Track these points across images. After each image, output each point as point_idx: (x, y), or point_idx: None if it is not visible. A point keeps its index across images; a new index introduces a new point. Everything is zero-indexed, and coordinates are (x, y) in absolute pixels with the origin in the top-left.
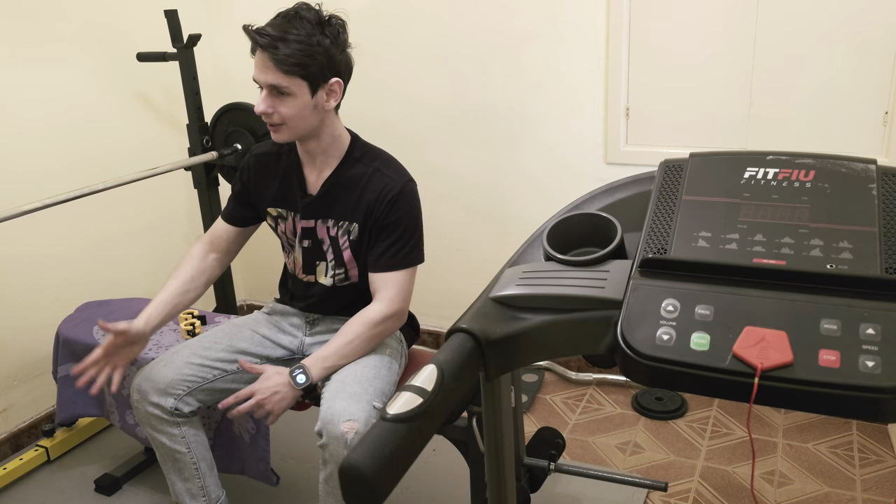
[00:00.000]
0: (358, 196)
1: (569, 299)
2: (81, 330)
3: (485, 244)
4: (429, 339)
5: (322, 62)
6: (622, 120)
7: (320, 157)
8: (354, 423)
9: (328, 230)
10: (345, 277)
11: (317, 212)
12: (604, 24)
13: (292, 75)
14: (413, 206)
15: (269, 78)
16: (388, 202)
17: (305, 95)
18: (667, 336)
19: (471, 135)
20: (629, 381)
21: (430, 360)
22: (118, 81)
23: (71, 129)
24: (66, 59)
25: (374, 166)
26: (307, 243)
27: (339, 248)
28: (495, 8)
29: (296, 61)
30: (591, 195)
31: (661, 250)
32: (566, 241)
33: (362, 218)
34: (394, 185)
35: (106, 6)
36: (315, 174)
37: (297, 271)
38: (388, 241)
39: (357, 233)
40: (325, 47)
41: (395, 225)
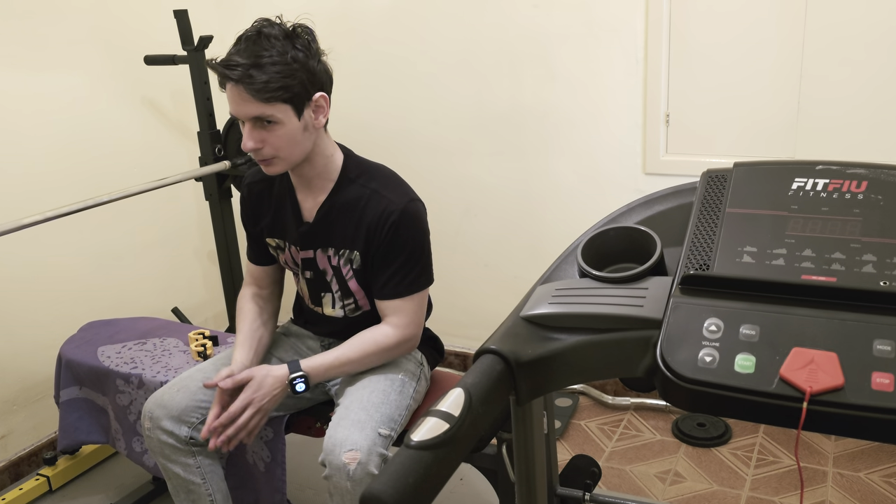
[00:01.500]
0: (356, 221)
1: (605, 318)
2: (85, 351)
3: (515, 259)
4: (455, 361)
5: (302, 79)
6: (662, 127)
7: (315, 181)
8: (357, 452)
9: (329, 260)
10: (356, 308)
11: (315, 240)
12: (642, 24)
13: (274, 102)
14: (417, 228)
15: (251, 110)
16: (390, 227)
17: (293, 120)
18: (709, 358)
19: (500, 143)
20: (669, 405)
21: (456, 383)
22: (124, 86)
23: (74, 137)
24: (67, 62)
25: (371, 187)
26: (309, 274)
27: (343, 278)
28: (526, 7)
29: (277, 85)
30: (629, 207)
31: (703, 266)
32: (602, 257)
33: (363, 245)
34: (393, 207)
35: (112, 6)
36: (310, 200)
37: (307, 300)
38: (393, 267)
39: (360, 261)
40: (302, 62)
41: (399, 250)
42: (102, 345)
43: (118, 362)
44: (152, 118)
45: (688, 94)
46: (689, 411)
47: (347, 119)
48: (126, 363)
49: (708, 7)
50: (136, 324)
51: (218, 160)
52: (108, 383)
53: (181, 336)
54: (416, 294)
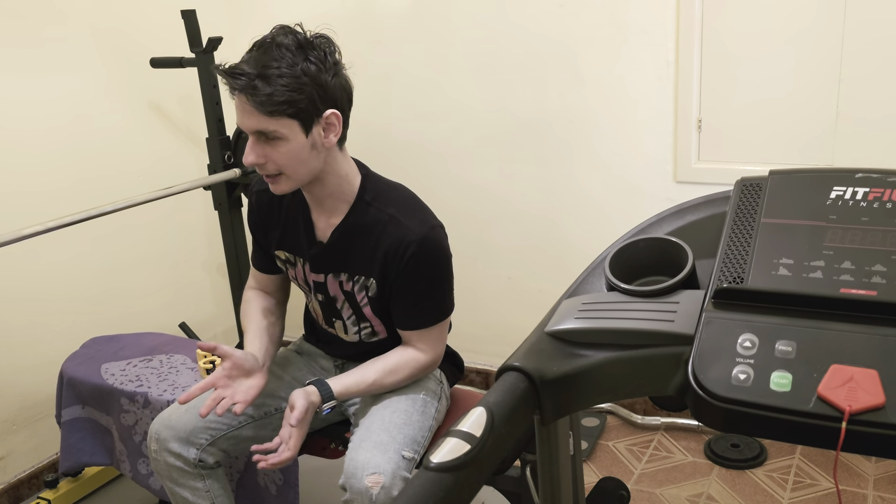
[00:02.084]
0: (372, 248)
1: (634, 334)
2: (88, 368)
3: (539, 272)
4: (476, 379)
5: (312, 94)
6: (694, 133)
7: (329, 201)
8: (380, 476)
9: (341, 285)
10: (372, 333)
11: (327, 265)
12: (673, 27)
13: (279, 116)
14: (438, 258)
15: (254, 123)
16: (410, 259)
17: (299, 136)
18: (744, 375)
19: (524, 150)
20: (701, 425)
21: (478, 402)
22: (129, 90)
23: (76, 144)
24: (69, 64)
25: (388, 213)
26: (321, 297)
27: (357, 305)
28: (551, 8)
29: (281, 99)
30: (659, 217)
31: (737, 279)
32: (631, 269)
33: (379, 273)
34: (412, 237)
35: (115, 6)
36: (324, 219)
37: (320, 320)
38: (412, 298)
39: (376, 289)
40: (313, 75)
41: (419, 282)
42: (106, 362)
43: (123, 380)
44: (158, 124)
45: (721, 98)
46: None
47: (363, 126)
48: (131, 381)
49: (742, 7)
50: (141, 340)
51: (227, 168)
52: (112, 402)
53: (189, 352)
54: (436, 325)
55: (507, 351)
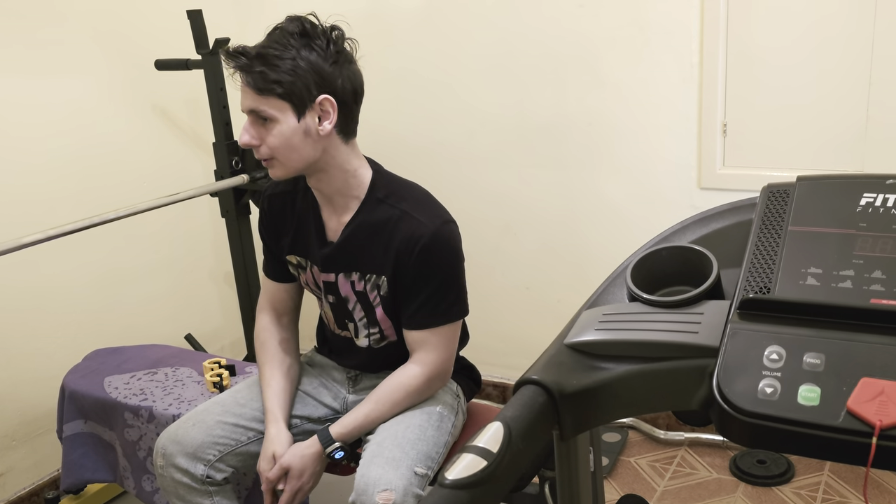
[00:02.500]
0: (385, 244)
1: (656, 346)
2: (91, 382)
3: (558, 282)
4: (493, 393)
5: (307, 79)
6: (718, 138)
7: (338, 198)
8: (391, 493)
9: (353, 285)
10: (381, 338)
11: (338, 264)
12: (697, 27)
13: (269, 95)
14: (450, 252)
15: (248, 102)
16: (420, 252)
17: (290, 120)
18: (770, 389)
19: (542, 155)
20: (727, 441)
21: (495, 416)
22: (133, 93)
23: (78, 148)
24: (71, 66)
25: (400, 208)
26: (332, 299)
27: (370, 305)
28: (570, 8)
29: (273, 77)
30: (683, 225)
31: (763, 289)
32: (653, 279)
33: (391, 270)
34: (423, 230)
35: (119, 7)
36: (334, 218)
37: (332, 325)
38: (423, 295)
39: (387, 288)
40: (311, 61)
41: (430, 277)
42: (109, 375)
43: (126, 394)
44: (163, 128)
45: (747, 101)
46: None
47: (376, 130)
48: (135, 395)
49: (769, 5)
50: (145, 352)
51: (235, 174)
52: (115, 417)
53: (195, 365)
54: (447, 325)
55: (525, 364)
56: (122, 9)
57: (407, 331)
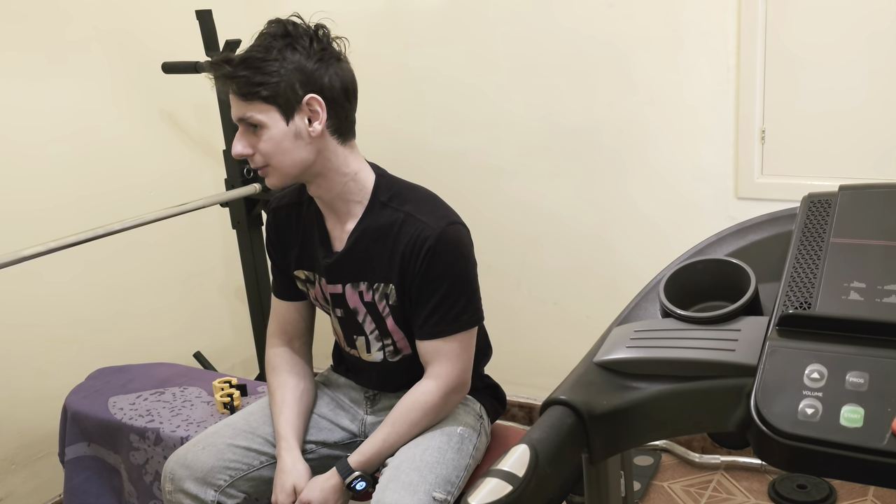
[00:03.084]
0: (390, 250)
1: (691, 364)
2: (94, 402)
3: (588, 297)
4: (519, 413)
5: (290, 79)
6: (756, 145)
7: (339, 204)
8: None
9: (361, 296)
10: (395, 350)
11: (343, 274)
12: (734, 28)
13: (254, 100)
14: (458, 254)
15: (235, 110)
16: (425, 255)
17: (279, 124)
18: (811, 410)
19: (570, 163)
20: (765, 464)
21: (520, 438)
22: (139, 97)
23: (81, 156)
24: (73, 69)
25: (404, 210)
26: (340, 312)
27: (380, 316)
28: (601, 8)
29: (255, 80)
30: (719, 237)
31: (804, 305)
32: (688, 294)
33: (398, 277)
34: (428, 232)
35: (124, 6)
36: (339, 227)
37: (342, 342)
38: (432, 302)
39: (396, 296)
40: (294, 61)
41: (438, 282)
42: (114, 395)
43: (132, 415)
44: (171, 134)
45: (786, 105)
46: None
47: (394, 136)
48: (141, 416)
49: (811, 2)
50: (152, 371)
51: (247, 182)
52: (120, 439)
53: (204, 385)
54: (459, 334)
55: (553, 383)
56: (127, 8)
57: (419, 342)
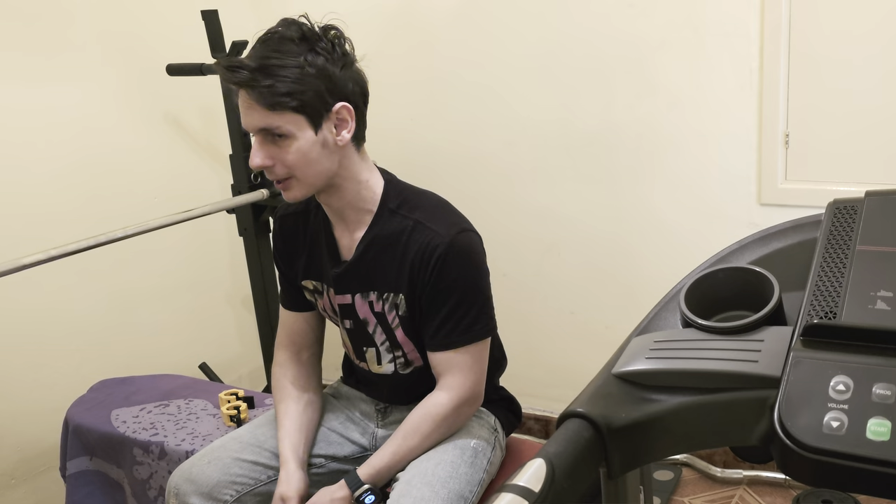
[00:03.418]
0: (399, 259)
1: (713, 376)
2: (96, 415)
3: (606, 306)
4: (535, 427)
5: (317, 86)
6: (780, 149)
7: (349, 213)
8: None
9: (371, 306)
10: (406, 362)
11: (352, 284)
12: (757, 28)
13: (282, 110)
14: (469, 263)
15: (257, 120)
16: (435, 264)
17: (307, 133)
18: (836, 423)
19: (587, 168)
20: (789, 479)
21: (536, 452)
22: (142, 100)
23: (82, 160)
24: (75, 70)
25: (414, 218)
26: (349, 324)
27: (389, 328)
28: (619, 8)
29: (283, 90)
30: (741, 245)
31: (829, 314)
32: (709, 303)
33: (407, 287)
34: (438, 240)
35: (128, 6)
36: (347, 235)
37: (351, 354)
38: (442, 313)
39: (405, 306)
40: (319, 67)
41: (449, 292)
42: (117, 407)
43: (136, 428)
44: (176, 138)
45: (811, 109)
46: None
47: (405, 139)
48: (145, 429)
49: (835, 3)
50: (156, 382)
51: (254, 188)
52: (123, 453)
53: (210, 397)
54: (471, 345)
55: (570, 395)
56: (130, 8)
57: (430, 353)
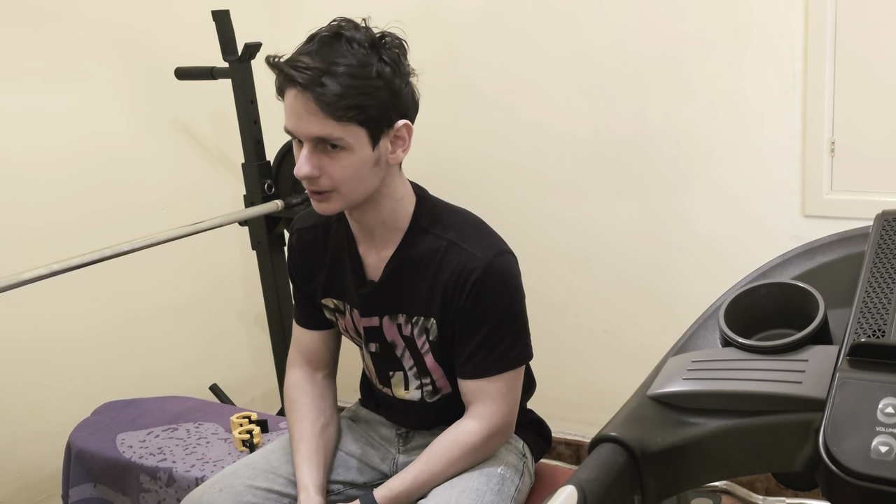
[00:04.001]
0: (431, 281)
1: (754, 398)
2: (101, 439)
3: (641, 324)
4: (566, 452)
5: (384, 99)
6: (825, 158)
7: (380, 230)
8: None
9: (400, 329)
10: (434, 390)
11: (380, 305)
12: (801, 29)
13: (347, 122)
14: (507, 287)
15: (316, 128)
16: (471, 288)
17: (365, 148)
18: (885, 447)
19: (621, 177)
20: None
21: (567, 479)
22: (149, 105)
23: (85, 169)
24: (80, 75)
25: (448, 238)
26: (375, 347)
27: (418, 352)
28: (655, 7)
29: (351, 102)
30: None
31: (877, 332)
32: (750, 321)
33: (439, 310)
34: (475, 263)
35: (134, 5)
36: (374, 253)
37: (373, 379)
38: (477, 338)
39: (437, 331)
40: (387, 79)
41: (484, 317)
42: (122, 431)
43: (142, 453)
44: (185, 146)
45: (858, 115)
46: None
47: (426, 147)
48: (152, 454)
49: (883, 3)
50: (164, 405)
51: (268, 199)
52: (129, 479)
53: (221, 420)
54: (507, 373)
55: (603, 418)
56: (136, 6)
57: (461, 381)
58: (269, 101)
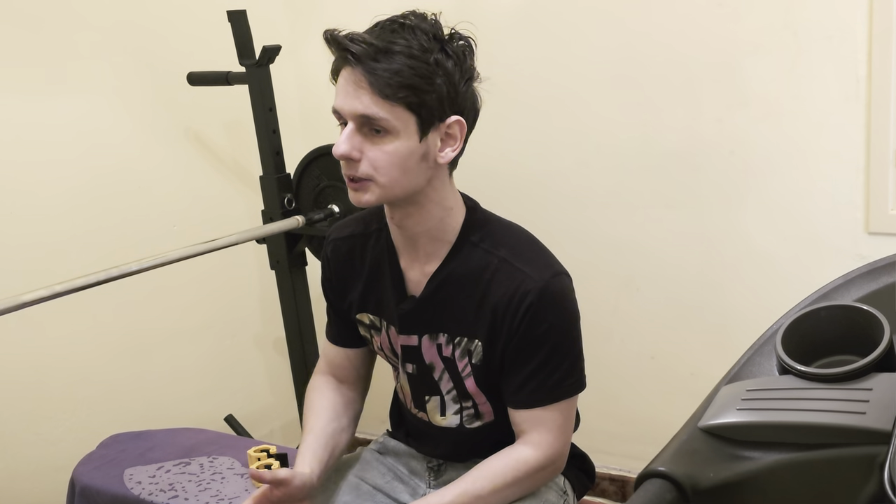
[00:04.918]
0: (479, 299)
1: (814, 430)
2: (107, 474)
3: (692, 350)
4: (610, 488)
5: (440, 90)
6: (891, 170)
7: (424, 241)
8: None
9: (440, 349)
10: (475, 415)
11: (421, 324)
12: (865, 31)
13: (396, 102)
14: (564, 311)
15: (362, 105)
16: (526, 312)
17: (412, 137)
18: None
19: (671, 191)
20: None
21: None
22: (159, 113)
23: (91, 182)
24: (86, 81)
25: (499, 255)
26: (412, 368)
27: (458, 376)
28: (708, 8)
29: (404, 81)
30: (846, 279)
31: None
32: (810, 346)
33: (487, 332)
34: (530, 285)
35: (144, 5)
36: (417, 267)
37: (408, 403)
38: (531, 366)
39: (482, 354)
40: (447, 71)
41: (539, 343)
42: (131, 466)
43: (152, 490)
44: (198, 156)
45: None
46: None
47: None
48: (163, 491)
49: None
50: (175, 437)
51: (288, 214)
52: None
53: (237, 454)
54: (561, 402)
55: (650, 452)
56: (146, 8)
57: (512, 410)
58: (288, 110)
